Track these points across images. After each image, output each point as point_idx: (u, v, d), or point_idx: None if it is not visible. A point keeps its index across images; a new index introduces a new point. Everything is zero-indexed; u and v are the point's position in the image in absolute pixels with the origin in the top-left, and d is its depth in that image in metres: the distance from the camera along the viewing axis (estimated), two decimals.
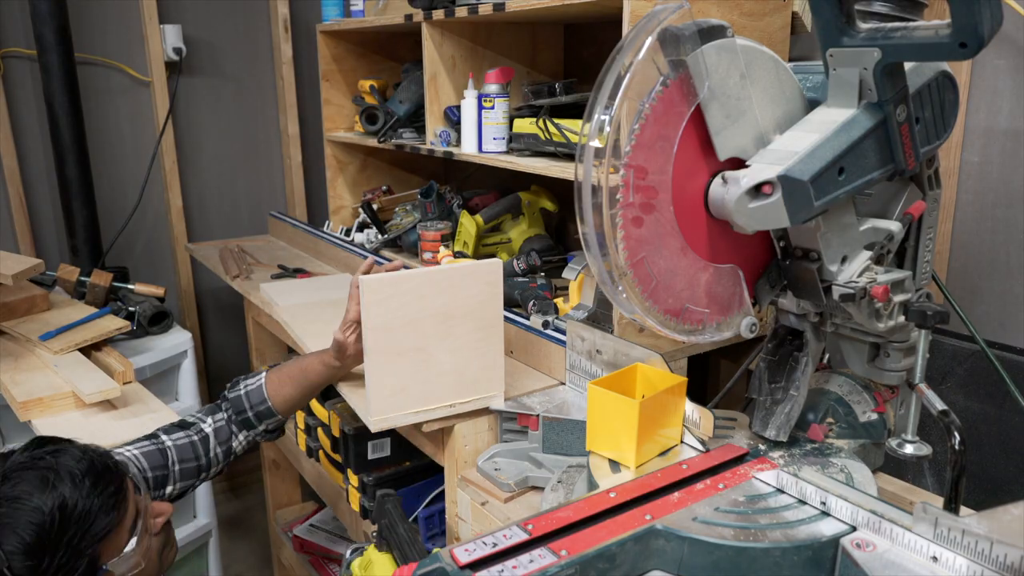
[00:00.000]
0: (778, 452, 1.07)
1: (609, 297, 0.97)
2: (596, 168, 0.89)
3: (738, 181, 0.90)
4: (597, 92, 0.89)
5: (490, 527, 1.20)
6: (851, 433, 1.15)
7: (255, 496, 2.99)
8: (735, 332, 1.02)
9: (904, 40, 0.83)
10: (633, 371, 1.15)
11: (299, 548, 2.34)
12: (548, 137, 1.61)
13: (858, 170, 0.91)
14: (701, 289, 0.98)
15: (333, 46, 2.43)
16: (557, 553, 0.81)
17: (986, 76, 1.42)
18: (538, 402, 1.35)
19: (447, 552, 0.80)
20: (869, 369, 1.12)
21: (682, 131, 0.91)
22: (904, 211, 1.04)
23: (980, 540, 0.75)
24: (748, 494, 0.94)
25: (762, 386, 1.10)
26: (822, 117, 0.93)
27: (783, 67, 0.96)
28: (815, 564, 0.85)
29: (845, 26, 0.87)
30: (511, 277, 1.78)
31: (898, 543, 0.82)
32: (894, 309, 1.02)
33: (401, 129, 2.15)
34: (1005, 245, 1.43)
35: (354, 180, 2.52)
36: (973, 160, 1.45)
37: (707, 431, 1.11)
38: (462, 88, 1.88)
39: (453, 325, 1.26)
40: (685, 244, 0.95)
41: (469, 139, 1.81)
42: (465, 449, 1.35)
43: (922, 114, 0.95)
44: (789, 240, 1.00)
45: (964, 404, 1.42)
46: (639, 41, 0.89)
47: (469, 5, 1.73)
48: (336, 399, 1.84)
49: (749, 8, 1.40)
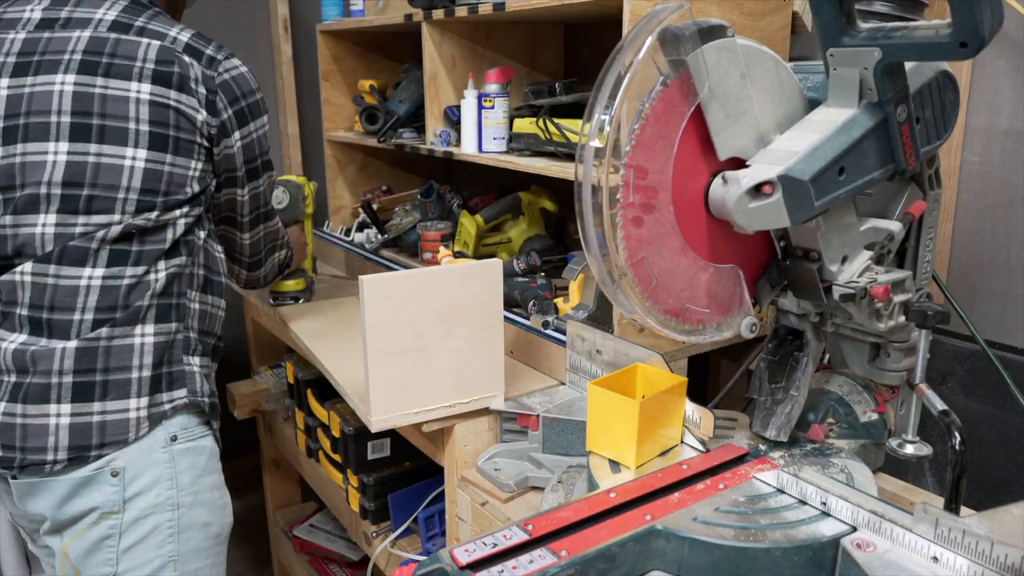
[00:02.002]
0: (778, 452, 1.06)
1: (609, 297, 0.97)
2: (596, 168, 0.89)
3: (738, 181, 0.90)
4: (597, 92, 0.89)
5: (490, 527, 1.20)
6: (851, 433, 1.14)
7: (255, 496, 2.99)
8: (735, 332, 1.02)
9: (904, 40, 0.83)
10: (633, 371, 1.15)
11: (299, 548, 2.34)
12: (548, 137, 1.61)
13: (859, 170, 0.91)
14: (701, 289, 0.98)
15: (333, 46, 2.43)
16: (557, 553, 0.80)
17: (987, 76, 1.42)
18: (538, 402, 1.35)
19: (447, 552, 0.80)
20: (869, 369, 1.12)
21: (682, 131, 0.91)
22: (905, 211, 1.04)
23: (981, 540, 0.75)
24: (748, 494, 0.94)
25: (762, 386, 1.10)
26: (822, 117, 0.93)
27: (783, 67, 0.96)
28: (815, 564, 0.85)
29: (845, 26, 0.87)
30: (511, 277, 1.77)
31: (899, 543, 0.82)
32: (894, 309, 1.02)
33: (401, 129, 2.15)
34: (1006, 245, 1.43)
35: (354, 180, 2.52)
36: (974, 160, 1.45)
37: (707, 431, 1.11)
38: (462, 88, 1.88)
39: (453, 325, 1.26)
40: (685, 244, 0.95)
41: (469, 139, 1.81)
42: (465, 449, 1.35)
43: (923, 114, 0.95)
44: (789, 240, 1.00)
45: (965, 404, 1.42)
46: (639, 41, 0.89)
47: (469, 5, 1.73)
48: (336, 399, 1.84)
49: (749, 8, 1.40)
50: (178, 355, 1.24)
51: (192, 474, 1.25)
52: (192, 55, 1.22)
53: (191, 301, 1.27)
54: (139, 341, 1.19)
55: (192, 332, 1.27)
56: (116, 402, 1.18)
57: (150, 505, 1.20)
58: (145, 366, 1.20)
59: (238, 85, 1.26)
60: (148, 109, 1.18)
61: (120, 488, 1.18)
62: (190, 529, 1.25)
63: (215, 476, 1.30)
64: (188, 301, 1.26)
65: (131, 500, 1.19)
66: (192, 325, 1.27)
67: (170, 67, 1.20)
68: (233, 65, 1.27)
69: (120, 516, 1.19)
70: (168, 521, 1.22)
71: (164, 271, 1.21)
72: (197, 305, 1.28)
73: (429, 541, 1.68)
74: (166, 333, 1.22)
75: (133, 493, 1.19)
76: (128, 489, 1.19)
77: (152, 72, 1.19)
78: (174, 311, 1.23)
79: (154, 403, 1.21)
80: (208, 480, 1.28)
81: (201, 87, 1.22)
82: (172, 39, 1.22)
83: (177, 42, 1.22)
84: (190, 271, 1.26)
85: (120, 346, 1.18)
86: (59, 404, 1.15)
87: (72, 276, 1.15)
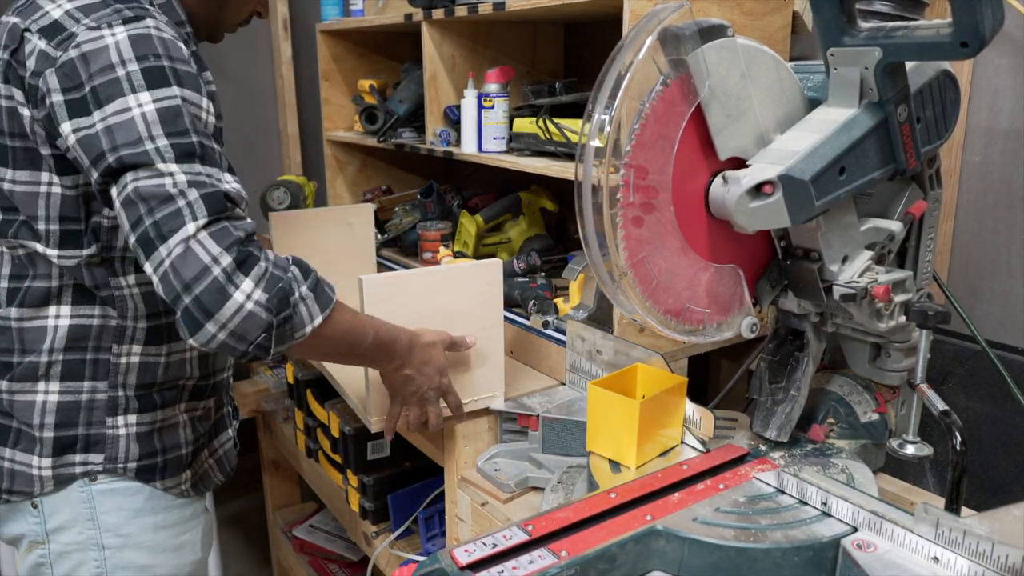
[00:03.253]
0: (779, 452, 1.06)
1: (609, 297, 0.97)
2: (596, 168, 0.89)
3: (739, 181, 0.89)
4: (597, 91, 0.89)
5: (490, 528, 1.20)
6: (852, 433, 1.14)
7: (255, 496, 2.99)
8: (736, 332, 1.02)
9: (905, 39, 0.83)
10: (633, 371, 1.15)
11: (299, 549, 2.34)
12: (548, 137, 1.61)
13: (859, 170, 0.91)
14: (702, 289, 0.98)
15: (333, 45, 2.42)
16: (557, 554, 0.80)
17: (988, 75, 1.42)
18: (538, 402, 1.34)
19: (447, 553, 0.80)
20: (870, 369, 1.12)
21: (682, 131, 0.91)
22: (905, 211, 1.04)
23: (981, 541, 0.75)
24: (749, 495, 0.94)
25: (763, 386, 1.10)
26: (823, 116, 0.93)
27: (784, 66, 0.96)
28: (816, 565, 0.85)
29: (846, 25, 0.87)
30: (511, 277, 1.77)
31: (899, 544, 0.82)
32: (895, 309, 1.01)
33: (401, 129, 2.15)
34: (1007, 245, 1.43)
35: (354, 180, 2.51)
36: (974, 160, 1.45)
37: (707, 431, 1.11)
38: (462, 88, 1.88)
39: (453, 325, 1.26)
40: (685, 244, 0.95)
41: (469, 139, 1.80)
42: (465, 449, 1.35)
43: (923, 113, 0.95)
44: (790, 240, 1.00)
45: (965, 404, 1.42)
46: (639, 40, 0.89)
47: (469, 4, 1.72)
48: (336, 399, 1.83)
49: (750, 7, 1.40)
50: (98, 416, 1.06)
51: (120, 516, 1.09)
52: (46, 33, 0.93)
53: (120, 355, 1.06)
54: (41, 399, 1.04)
55: (123, 390, 1.07)
56: (23, 454, 1.06)
57: (72, 541, 1.09)
58: (47, 426, 1.04)
59: (89, 62, 0.91)
60: None
61: (40, 520, 1.08)
62: (121, 571, 1.11)
63: (160, 516, 1.12)
64: (114, 356, 1.06)
65: (53, 533, 1.08)
66: (124, 382, 1.07)
67: (5, 53, 0.96)
68: (99, 35, 0.91)
69: (46, 547, 1.09)
70: (93, 560, 1.09)
71: (67, 319, 1.03)
72: (134, 359, 1.07)
73: (429, 541, 1.68)
74: (74, 392, 1.04)
75: (54, 527, 1.08)
76: (48, 522, 1.08)
77: (3, 64, 0.97)
78: (89, 367, 1.05)
79: (61, 463, 1.06)
80: (146, 521, 1.11)
81: (28, 74, 0.93)
82: (43, 14, 0.95)
83: (44, 18, 0.95)
84: (117, 323, 1.05)
85: (21, 402, 1.04)
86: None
87: None
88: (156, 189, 0.89)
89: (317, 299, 0.96)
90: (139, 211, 0.89)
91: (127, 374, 1.07)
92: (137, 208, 0.89)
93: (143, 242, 0.89)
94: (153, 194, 0.89)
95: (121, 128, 0.90)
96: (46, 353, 1.03)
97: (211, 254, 0.88)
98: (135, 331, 1.06)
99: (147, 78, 0.91)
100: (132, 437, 1.08)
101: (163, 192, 0.89)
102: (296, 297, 0.93)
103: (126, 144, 0.89)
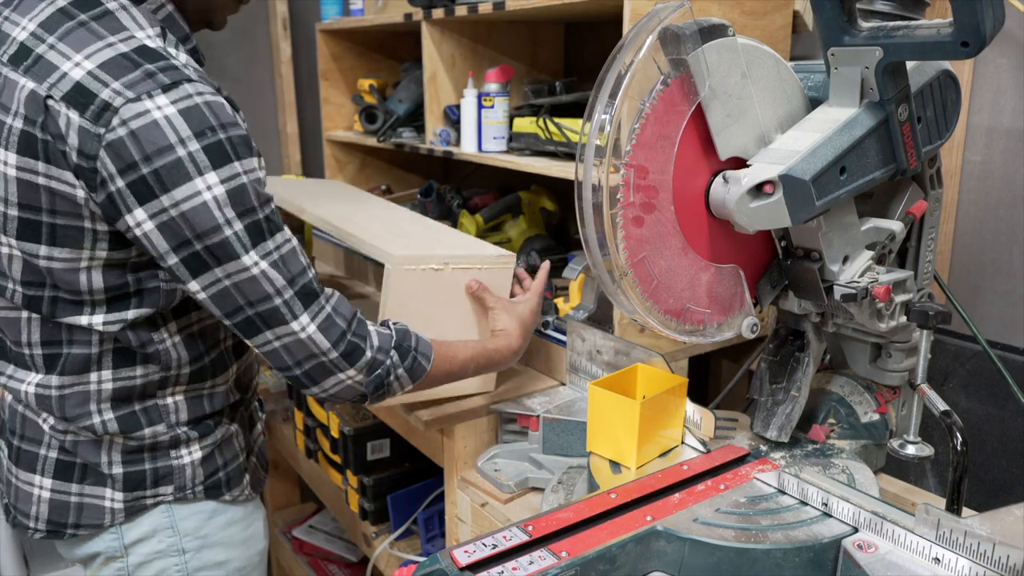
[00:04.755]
0: (779, 453, 1.06)
1: (609, 297, 0.96)
2: (596, 167, 0.89)
3: (739, 180, 0.89)
4: (598, 91, 0.89)
5: (490, 528, 1.20)
6: (853, 434, 1.14)
7: None
8: (736, 332, 1.02)
9: (906, 39, 0.83)
10: (634, 371, 1.15)
11: (298, 549, 2.34)
12: (548, 136, 1.60)
13: (860, 169, 0.90)
14: (702, 289, 0.98)
15: (332, 45, 2.42)
16: (557, 554, 0.80)
17: (988, 75, 1.42)
18: (538, 403, 1.34)
19: (447, 553, 0.80)
20: (871, 369, 1.12)
21: (683, 130, 0.91)
22: (906, 211, 1.04)
23: (982, 542, 0.75)
24: (749, 495, 0.94)
25: (763, 387, 1.09)
26: (823, 116, 0.93)
27: (784, 66, 0.95)
28: (816, 565, 0.85)
29: (847, 25, 0.87)
30: None
31: (900, 544, 0.82)
32: (896, 309, 1.01)
33: (400, 128, 2.15)
34: (1008, 245, 1.42)
35: (353, 179, 2.51)
36: (975, 160, 1.45)
37: (708, 432, 1.10)
38: (462, 87, 1.88)
39: (465, 321, 1.27)
40: (686, 244, 0.95)
41: (469, 138, 1.80)
42: (465, 450, 1.35)
43: (924, 113, 0.95)
44: (790, 240, 0.99)
45: (966, 405, 1.42)
46: (640, 40, 0.89)
47: (469, 4, 1.72)
48: None
49: (750, 7, 1.40)
50: (163, 453, 1.08)
51: (196, 520, 1.12)
52: (74, 103, 0.86)
53: (166, 397, 1.07)
54: (106, 441, 1.05)
55: (179, 428, 1.08)
56: (92, 487, 1.07)
57: (152, 551, 1.10)
58: (115, 463, 1.06)
59: (141, 141, 0.85)
60: (16, 188, 0.91)
61: (119, 535, 1.09)
62: (203, 570, 1.14)
63: (230, 512, 1.16)
64: (161, 399, 1.07)
65: (132, 546, 1.10)
66: (178, 420, 1.08)
67: (33, 127, 0.88)
68: (144, 109, 0.85)
69: (125, 560, 1.10)
70: (175, 565, 1.11)
71: (109, 383, 1.03)
72: (179, 398, 1.08)
73: (429, 542, 1.68)
74: (136, 439, 1.05)
75: (132, 540, 1.10)
76: (126, 536, 1.09)
77: (19, 133, 0.88)
78: (142, 416, 1.05)
79: (133, 498, 1.08)
80: (219, 520, 1.15)
81: (74, 154, 0.87)
82: (60, 76, 0.87)
83: (64, 81, 0.86)
84: (160, 376, 1.05)
85: (86, 441, 1.05)
86: (42, 477, 1.07)
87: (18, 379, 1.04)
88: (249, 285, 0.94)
89: (411, 374, 1.08)
90: (237, 302, 0.94)
91: (178, 413, 1.08)
92: (234, 299, 0.94)
93: (243, 327, 0.97)
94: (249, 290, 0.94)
95: (196, 214, 0.89)
96: (96, 415, 1.03)
97: (320, 348, 0.99)
98: (179, 377, 1.07)
99: (211, 157, 0.88)
100: (197, 463, 1.11)
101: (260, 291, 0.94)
102: (391, 378, 1.06)
103: (206, 233, 0.90)
